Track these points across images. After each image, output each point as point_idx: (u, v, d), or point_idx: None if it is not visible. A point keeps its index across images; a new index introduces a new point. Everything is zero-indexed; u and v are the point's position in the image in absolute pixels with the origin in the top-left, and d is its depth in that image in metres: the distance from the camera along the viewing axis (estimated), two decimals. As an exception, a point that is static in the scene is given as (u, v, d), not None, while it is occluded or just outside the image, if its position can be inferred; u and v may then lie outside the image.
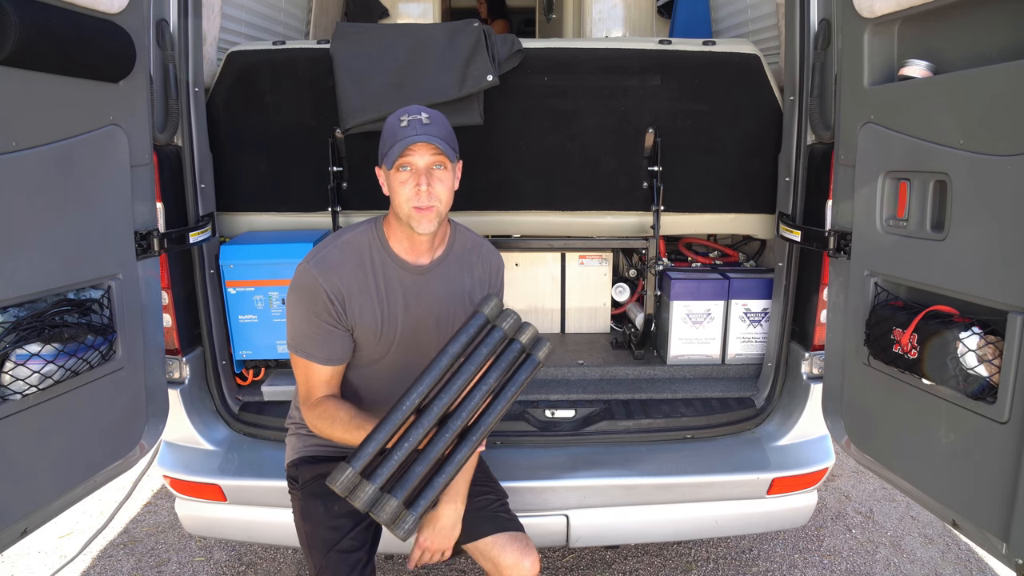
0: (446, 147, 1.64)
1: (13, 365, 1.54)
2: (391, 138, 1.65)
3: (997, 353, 1.44)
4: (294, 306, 1.70)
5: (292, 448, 1.92)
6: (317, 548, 1.75)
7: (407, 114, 1.66)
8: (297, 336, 1.70)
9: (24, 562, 2.89)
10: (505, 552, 1.78)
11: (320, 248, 1.72)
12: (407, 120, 1.64)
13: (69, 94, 1.64)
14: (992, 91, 1.42)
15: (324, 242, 1.74)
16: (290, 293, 1.70)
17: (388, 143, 1.66)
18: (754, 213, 2.51)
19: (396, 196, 1.66)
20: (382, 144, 1.69)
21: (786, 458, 2.23)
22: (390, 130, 1.67)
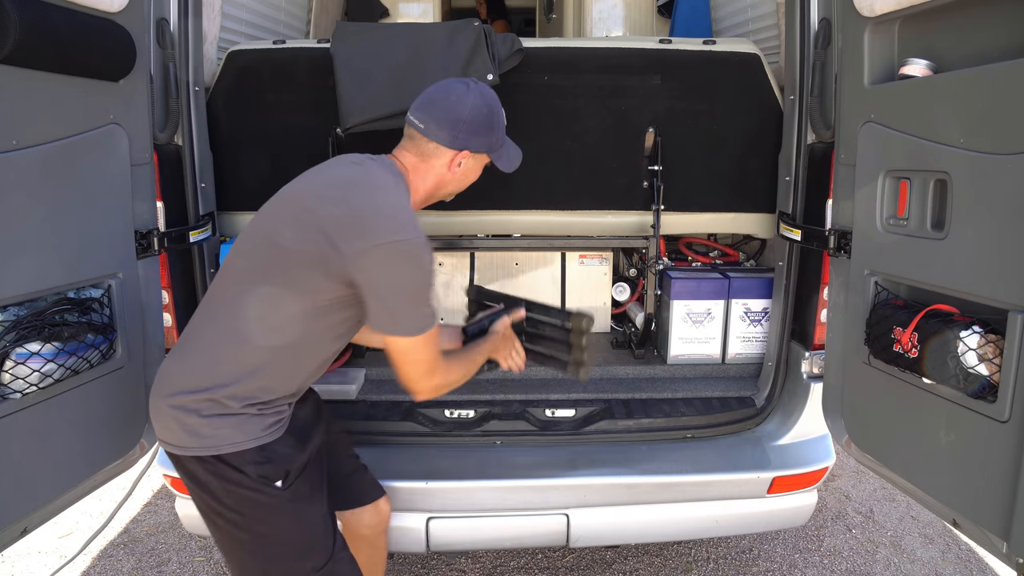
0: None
1: (13, 364, 1.54)
2: (504, 137, 1.75)
3: (997, 352, 1.44)
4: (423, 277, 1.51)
5: (247, 433, 1.53)
6: (316, 553, 1.65)
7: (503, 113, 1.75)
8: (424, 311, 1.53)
9: (24, 562, 2.89)
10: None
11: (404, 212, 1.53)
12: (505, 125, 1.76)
13: (69, 93, 1.64)
14: (992, 90, 1.42)
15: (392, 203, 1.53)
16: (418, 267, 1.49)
17: (501, 141, 1.74)
18: (754, 212, 2.51)
19: (464, 182, 1.74)
20: (497, 137, 1.72)
21: (786, 457, 2.23)
22: (499, 124, 1.72)
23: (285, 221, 1.54)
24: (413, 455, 2.23)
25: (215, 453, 1.52)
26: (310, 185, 1.61)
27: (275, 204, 1.63)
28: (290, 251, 1.49)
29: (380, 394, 2.42)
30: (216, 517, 1.60)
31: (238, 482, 1.54)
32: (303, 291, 1.50)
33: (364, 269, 1.46)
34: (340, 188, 1.55)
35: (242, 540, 1.61)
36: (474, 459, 2.23)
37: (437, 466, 2.18)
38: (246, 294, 1.53)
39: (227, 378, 1.52)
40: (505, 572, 2.82)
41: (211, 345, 1.56)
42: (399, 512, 2.12)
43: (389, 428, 2.28)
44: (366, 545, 2.00)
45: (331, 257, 1.46)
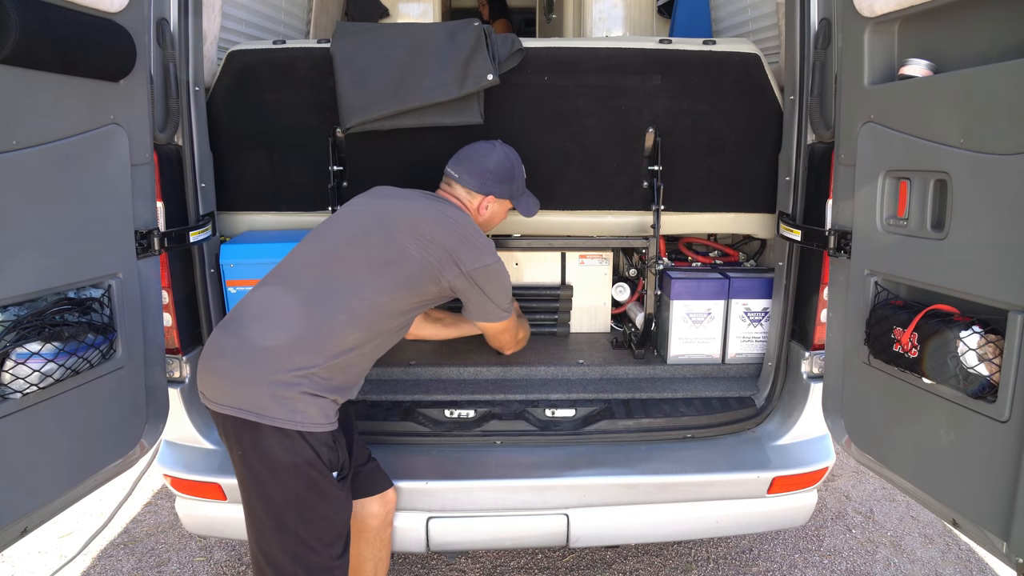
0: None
1: (13, 364, 1.54)
2: (523, 187, 2.22)
3: (997, 352, 1.44)
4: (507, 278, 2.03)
5: (328, 416, 1.73)
6: (340, 542, 1.80)
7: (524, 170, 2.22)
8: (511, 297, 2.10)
9: (24, 562, 2.89)
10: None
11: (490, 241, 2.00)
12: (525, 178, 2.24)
13: (69, 93, 1.64)
14: (992, 90, 1.42)
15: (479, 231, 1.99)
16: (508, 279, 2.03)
17: (521, 190, 2.21)
18: (754, 212, 2.51)
19: (492, 222, 2.19)
20: (517, 187, 2.18)
21: (786, 457, 2.23)
22: (522, 177, 2.21)
23: (404, 232, 1.86)
24: (413, 455, 2.23)
25: (301, 429, 1.66)
26: (416, 208, 1.96)
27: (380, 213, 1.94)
28: (416, 260, 1.83)
29: (380, 394, 2.42)
30: (266, 492, 1.71)
31: (311, 461, 1.68)
32: (411, 289, 1.84)
33: (479, 280, 1.91)
34: (447, 216, 1.95)
35: (284, 520, 1.70)
36: (474, 459, 2.23)
37: (437, 466, 2.18)
38: (365, 284, 1.79)
39: (327, 357, 1.71)
40: (505, 572, 2.82)
41: (324, 326, 1.72)
42: (399, 512, 2.12)
43: (389, 428, 2.28)
44: (373, 536, 2.04)
45: (448, 270, 1.86)
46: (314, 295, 1.77)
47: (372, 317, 1.78)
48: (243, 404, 1.67)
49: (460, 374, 2.56)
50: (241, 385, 1.69)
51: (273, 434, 1.66)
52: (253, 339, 1.72)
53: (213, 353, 1.76)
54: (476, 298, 1.96)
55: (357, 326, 1.76)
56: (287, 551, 1.71)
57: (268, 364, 1.68)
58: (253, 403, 1.66)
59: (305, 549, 1.71)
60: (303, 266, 1.86)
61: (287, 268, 1.87)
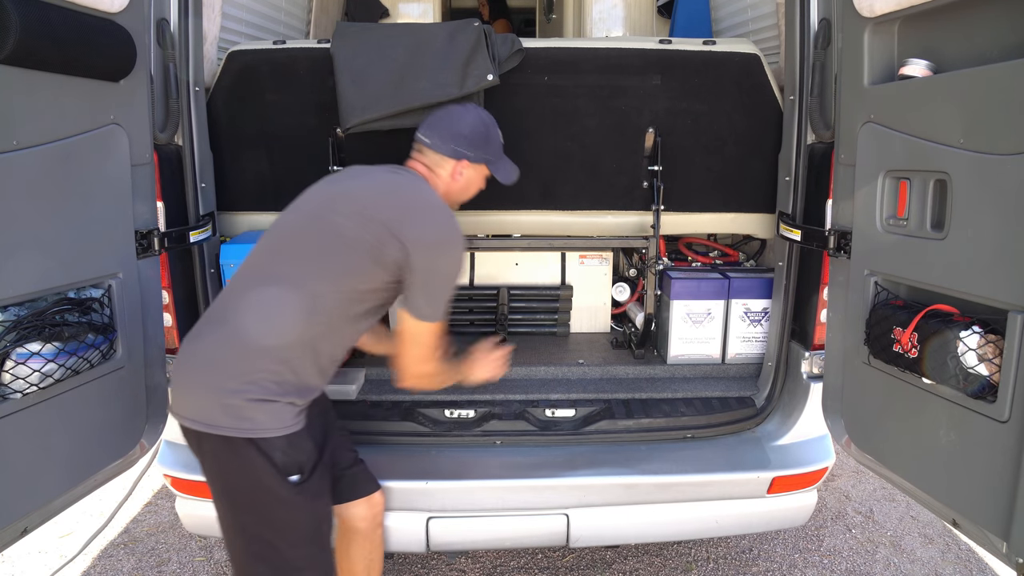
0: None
1: (14, 364, 1.54)
2: (500, 152, 1.99)
3: (997, 352, 1.44)
4: (459, 272, 1.77)
5: (280, 420, 1.65)
6: (313, 545, 1.76)
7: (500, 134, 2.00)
8: (448, 303, 1.77)
9: (24, 562, 2.89)
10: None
11: (451, 214, 1.77)
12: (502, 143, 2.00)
13: (70, 93, 1.64)
14: (992, 90, 1.43)
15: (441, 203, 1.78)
16: (459, 261, 1.75)
17: (498, 155, 1.98)
18: (754, 213, 2.51)
19: (468, 190, 1.97)
20: (493, 151, 1.96)
21: (786, 457, 2.23)
22: (499, 142, 1.98)
23: (343, 214, 1.70)
24: (413, 455, 2.23)
25: (249, 436, 1.62)
26: (357, 185, 1.80)
27: (321, 199, 1.79)
28: (350, 240, 1.66)
29: (380, 394, 2.42)
30: (226, 497, 1.69)
31: (260, 468, 1.63)
32: (353, 275, 1.67)
33: (420, 256, 1.68)
34: (392, 189, 1.77)
35: (245, 523, 1.70)
36: (474, 459, 2.23)
37: (437, 466, 2.18)
38: (301, 277, 1.67)
39: (275, 362, 1.63)
40: (505, 572, 2.82)
41: (262, 327, 1.65)
42: (399, 512, 2.12)
43: (389, 428, 2.28)
44: (362, 539, 2.02)
45: (389, 246, 1.65)
46: (254, 297, 1.69)
47: (316, 311, 1.66)
48: (194, 415, 1.64)
49: (460, 374, 2.56)
50: (193, 396, 1.66)
51: (222, 443, 1.62)
52: (202, 348, 1.68)
53: (176, 366, 1.71)
54: (414, 278, 1.70)
55: (301, 322, 1.65)
56: (251, 553, 1.71)
57: (214, 373, 1.64)
58: (202, 413, 1.63)
59: (269, 550, 1.70)
60: (251, 265, 1.77)
61: (241, 269, 1.78)
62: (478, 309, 2.91)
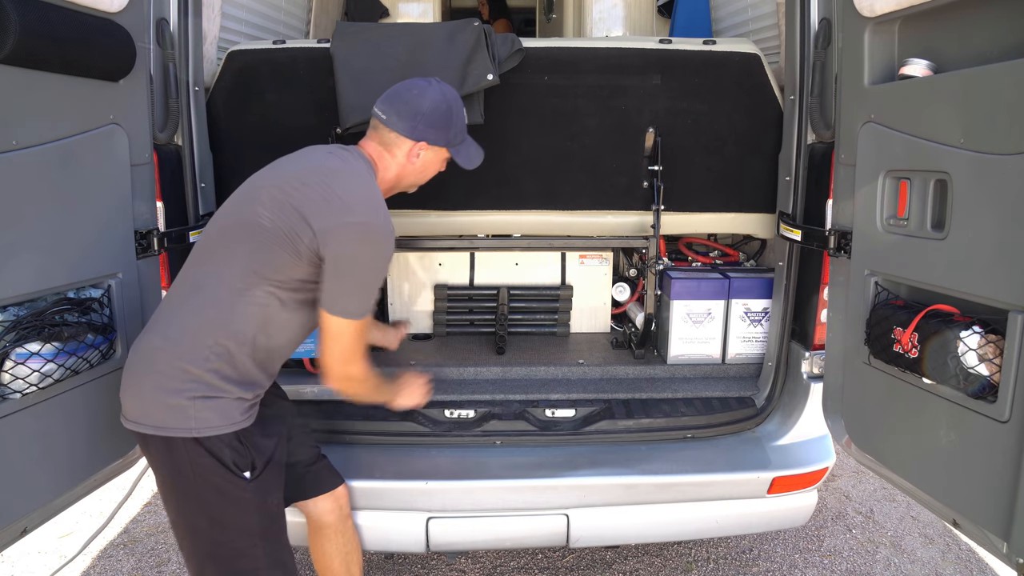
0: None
1: (13, 364, 1.54)
2: (464, 134, 1.86)
3: (998, 352, 1.44)
4: (381, 264, 1.64)
5: (227, 417, 1.60)
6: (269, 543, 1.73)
7: (462, 108, 1.86)
8: (371, 298, 1.66)
9: (24, 562, 2.89)
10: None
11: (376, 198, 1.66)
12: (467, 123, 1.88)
13: (69, 93, 1.64)
14: (992, 90, 1.42)
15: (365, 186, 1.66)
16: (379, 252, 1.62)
17: (461, 138, 1.85)
18: (754, 212, 2.51)
19: (425, 173, 1.86)
20: (455, 133, 1.83)
21: (786, 457, 2.23)
22: (463, 123, 1.85)
23: (263, 202, 1.61)
24: (413, 455, 2.23)
25: (195, 436, 1.58)
26: (286, 171, 1.69)
27: (250, 188, 1.70)
28: (268, 229, 1.57)
29: (380, 394, 2.42)
30: (175, 500, 1.66)
31: (209, 468, 1.60)
32: (276, 268, 1.59)
33: (331, 244, 1.56)
34: (316, 173, 1.64)
35: (197, 525, 1.67)
36: (474, 459, 2.23)
37: (437, 466, 2.18)
38: (226, 270, 1.61)
39: (211, 357, 1.58)
40: (505, 572, 2.82)
41: (194, 321, 1.61)
42: (399, 512, 2.12)
43: (389, 428, 2.27)
44: (334, 533, 2.02)
45: (303, 234, 1.56)
46: (185, 292, 1.65)
47: (243, 305, 1.59)
48: (140, 418, 1.61)
49: (460, 374, 2.56)
50: (137, 399, 1.62)
51: (168, 444, 1.59)
52: (142, 351, 1.64)
53: (124, 372, 1.68)
54: (328, 269, 1.59)
55: (230, 317, 1.59)
56: (204, 554, 1.69)
57: (154, 374, 1.60)
58: (147, 416, 1.60)
59: (223, 550, 1.68)
60: (187, 264, 1.71)
61: (182, 269, 1.73)
62: (478, 309, 2.91)
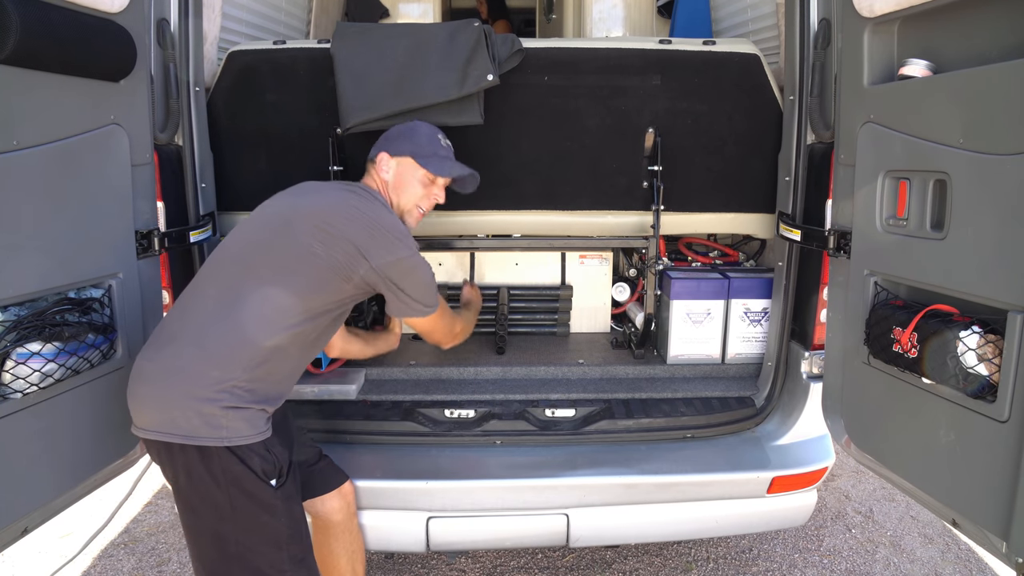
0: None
1: (14, 364, 1.54)
2: (433, 151, 2.02)
3: (997, 352, 1.44)
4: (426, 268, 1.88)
5: (255, 427, 1.67)
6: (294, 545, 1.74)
7: (441, 136, 2.08)
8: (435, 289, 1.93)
9: (24, 562, 2.89)
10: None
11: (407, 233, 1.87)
12: (445, 144, 2.07)
13: (70, 93, 1.64)
14: (992, 90, 1.43)
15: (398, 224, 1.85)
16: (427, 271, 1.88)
17: (428, 152, 2.01)
18: (754, 213, 2.51)
19: (409, 192, 2.00)
20: (418, 145, 2.01)
21: (786, 457, 2.23)
22: (430, 141, 2.03)
23: (310, 232, 1.74)
24: (413, 455, 2.23)
25: (227, 444, 1.62)
26: (325, 203, 1.83)
27: (285, 213, 1.82)
28: (320, 258, 1.71)
29: (380, 394, 2.42)
30: (202, 509, 1.67)
31: (240, 475, 1.64)
32: (322, 290, 1.73)
33: (390, 275, 1.78)
34: (355, 209, 1.80)
35: (224, 532, 1.68)
36: (474, 459, 2.23)
37: (437, 466, 2.18)
38: (270, 290, 1.70)
39: (248, 370, 1.65)
40: (505, 572, 2.82)
41: (233, 336, 1.66)
42: (399, 512, 2.12)
43: (389, 428, 2.28)
44: (341, 531, 2.04)
45: (358, 265, 1.74)
46: (223, 306, 1.70)
47: (285, 323, 1.69)
48: (167, 428, 1.62)
49: (460, 374, 2.56)
50: (163, 408, 1.64)
51: (200, 454, 1.62)
52: (169, 360, 1.66)
53: (135, 379, 1.70)
54: (393, 294, 1.82)
55: (270, 333, 1.67)
56: (231, 559, 1.69)
57: (186, 383, 1.63)
58: (176, 425, 1.62)
59: (252, 555, 1.69)
60: (213, 277, 1.78)
61: (200, 280, 1.79)
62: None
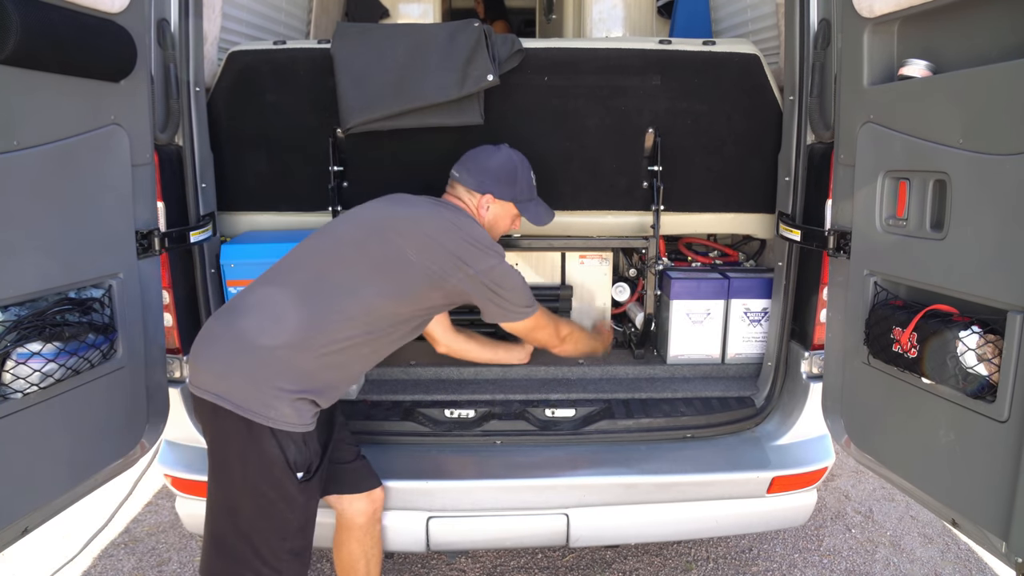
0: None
1: (14, 364, 1.54)
2: (530, 194, 2.14)
3: (996, 352, 1.44)
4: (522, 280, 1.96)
5: (302, 417, 1.73)
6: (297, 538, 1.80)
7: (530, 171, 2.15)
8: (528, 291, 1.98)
9: (24, 562, 2.89)
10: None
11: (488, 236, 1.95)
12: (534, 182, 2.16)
13: (70, 93, 1.64)
14: (992, 90, 1.43)
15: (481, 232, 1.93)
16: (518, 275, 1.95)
17: (527, 197, 2.12)
18: (754, 213, 2.51)
19: (496, 227, 2.11)
20: (520, 191, 2.10)
21: (786, 457, 2.23)
22: (528, 185, 2.13)
23: (407, 238, 1.83)
24: (413, 455, 2.23)
25: (272, 426, 1.68)
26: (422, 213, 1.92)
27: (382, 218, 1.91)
28: (414, 264, 1.79)
29: (380, 394, 2.43)
30: (227, 476, 1.75)
31: (273, 459, 1.70)
32: (411, 296, 1.81)
33: (486, 281, 1.86)
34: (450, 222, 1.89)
35: (239, 504, 1.74)
36: (474, 459, 2.23)
37: (437, 466, 2.19)
38: (361, 289, 1.77)
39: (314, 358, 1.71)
40: (505, 572, 2.82)
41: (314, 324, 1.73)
42: (399, 512, 2.12)
43: (389, 428, 2.28)
44: (362, 534, 2.05)
45: (453, 273, 1.81)
46: (308, 292, 1.77)
47: (367, 319, 1.77)
48: (222, 392, 1.70)
49: (460, 374, 2.56)
50: (223, 374, 1.72)
51: (243, 425, 1.69)
52: (241, 331, 1.74)
53: (204, 340, 1.80)
54: (489, 300, 1.91)
55: (349, 326, 1.75)
56: (237, 532, 1.75)
57: (251, 357, 1.71)
58: (231, 393, 1.69)
59: (258, 535, 1.75)
60: (300, 264, 1.86)
61: (286, 265, 1.87)
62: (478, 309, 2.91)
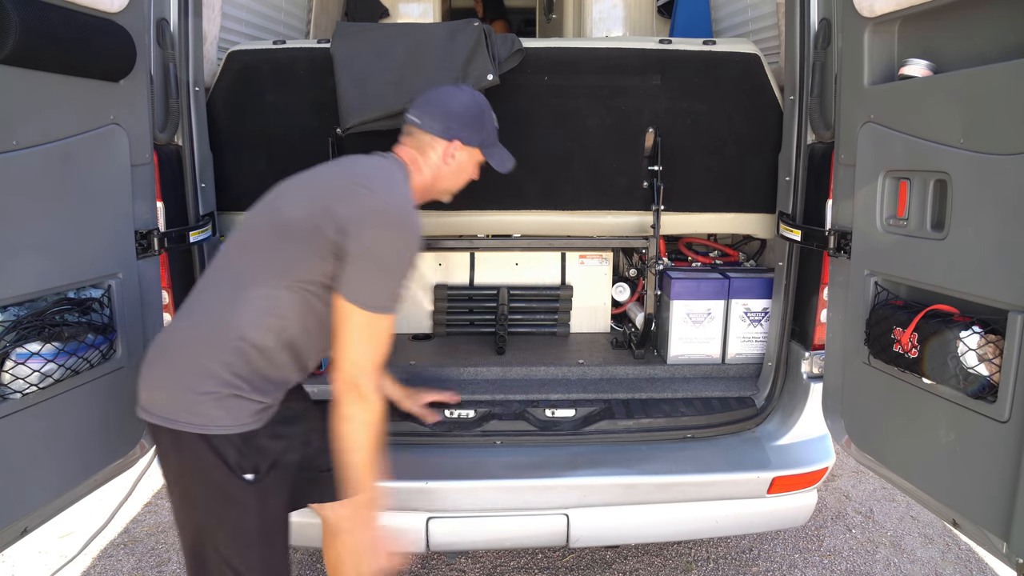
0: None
1: (13, 364, 1.54)
2: (495, 138, 1.90)
3: (997, 352, 1.44)
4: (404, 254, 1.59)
5: (236, 417, 1.58)
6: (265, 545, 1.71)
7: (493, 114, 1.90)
8: (396, 292, 1.61)
9: (24, 562, 2.89)
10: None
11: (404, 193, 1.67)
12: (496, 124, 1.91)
13: (69, 93, 1.64)
14: (992, 90, 1.43)
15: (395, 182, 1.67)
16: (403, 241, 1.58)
17: (492, 141, 1.89)
18: (754, 213, 2.51)
19: (460, 176, 1.87)
20: (487, 135, 1.86)
21: (786, 457, 2.23)
22: (493, 127, 1.89)
23: (291, 201, 1.65)
24: (413, 455, 2.23)
25: (202, 432, 1.56)
26: (319, 173, 1.72)
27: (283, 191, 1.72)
28: (293, 228, 1.58)
29: (380, 394, 2.42)
30: (178, 491, 1.67)
31: (212, 465, 1.58)
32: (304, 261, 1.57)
33: (352, 230, 1.53)
34: (348, 171, 1.68)
35: (198, 521, 1.67)
36: (474, 459, 2.23)
37: (437, 466, 2.18)
38: (252, 267, 1.62)
39: (230, 353, 1.57)
40: (505, 572, 2.82)
41: (216, 317, 1.61)
42: (399, 512, 2.12)
43: (389, 428, 2.27)
44: (351, 539, 2.00)
45: (327, 227, 1.53)
46: (215, 289, 1.66)
47: (271, 302, 1.58)
48: (153, 409, 1.61)
49: (460, 374, 2.56)
50: (152, 390, 1.62)
51: (174, 438, 1.59)
52: (162, 344, 1.66)
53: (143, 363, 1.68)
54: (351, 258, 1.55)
55: (258, 314, 1.58)
56: (201, 548, 1.67)
57: (172, 367, 1.61)
58: (160, 408, 1.60)
59: (222, 548, 1.66)
60: (217, 261, 1.72)
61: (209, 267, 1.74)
62: (478, 309, 2.91)
